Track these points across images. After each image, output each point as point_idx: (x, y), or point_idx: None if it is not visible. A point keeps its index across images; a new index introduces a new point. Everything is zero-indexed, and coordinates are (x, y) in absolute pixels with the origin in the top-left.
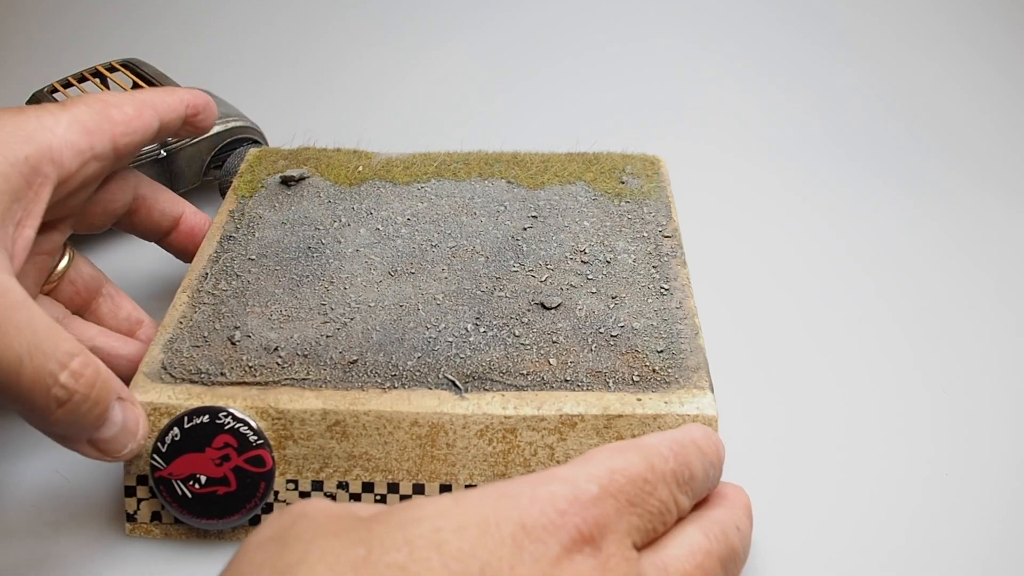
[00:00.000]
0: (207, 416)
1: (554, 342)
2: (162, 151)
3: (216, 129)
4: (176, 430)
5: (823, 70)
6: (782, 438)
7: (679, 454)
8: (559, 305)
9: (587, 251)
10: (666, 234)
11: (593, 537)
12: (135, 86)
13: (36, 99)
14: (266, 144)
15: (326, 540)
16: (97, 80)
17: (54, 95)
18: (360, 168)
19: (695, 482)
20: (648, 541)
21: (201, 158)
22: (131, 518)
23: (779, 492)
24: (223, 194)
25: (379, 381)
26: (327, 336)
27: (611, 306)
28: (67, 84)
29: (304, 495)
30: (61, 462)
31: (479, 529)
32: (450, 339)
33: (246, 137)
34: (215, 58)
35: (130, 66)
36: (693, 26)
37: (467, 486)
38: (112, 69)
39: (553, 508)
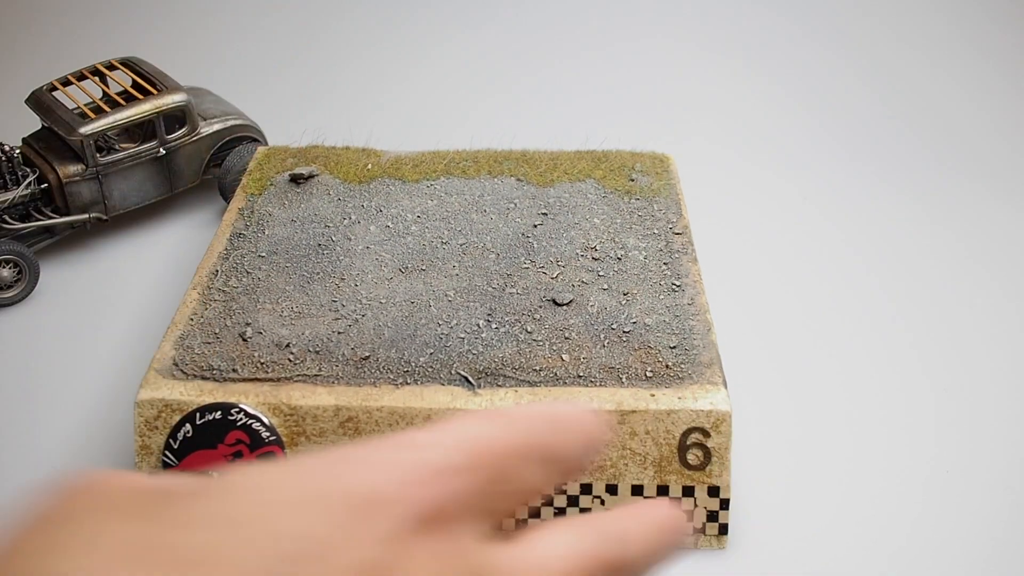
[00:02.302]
0: (219, 412)
1: (566, 338)
2: (161, 149)
3: (215, 127)
4: (188, 426)
5: (829, 72)
6: (791, 432)
7: (539, 430)
8: (571, 301)
9: (598, 248)
10: (676, 231)
11: (434, 516)
12: (134, 84)
13: (35, 97)
14: (265, 142)
15: (109, 522)
16: (97, 78)
17: (53, 93)
18: (369, 166)
19: (558, 461)
20: (500, 520)
21: (200, 156)
22: None
23: (790, 484)
24: (222, 192)
25: (391, 377)
26: (339, 332)
27: (623, 302)
28: (67, 83)
29: None
30: (62, 459)
31: (303, 502)
32: (462, 335)
33: (245, 136)
34: (214, 57)
35: (130, 64)
36: (702, 27)
37: None
38: (112, 67)
39: (391, 479)
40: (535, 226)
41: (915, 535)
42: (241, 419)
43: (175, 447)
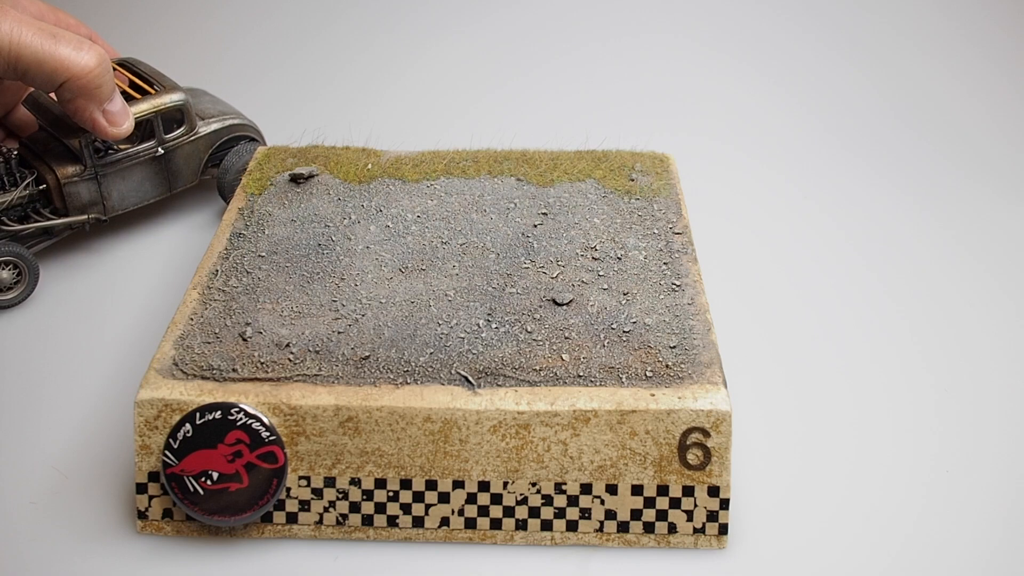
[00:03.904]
0: (219, 412)
1: (566, 338)
2: (160, 149)
3: (213, 127)
4: (188, 426)
5: (830, 70)
6: (792, 431)
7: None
8: (571, 301)
9: (598, 248)
10: (676, 231)
11: None
12: (132, 84)
13: (33, 98)
14: (263, 142)
15: None
16: None
17: (51, 94)
18: (369, 166)
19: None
20: None
21: (199, 156)
22: (142, 515)
23: (791, 484)
24: (221, 192)
25: (391, 377)
26: (339, 332)
27: (623, 302)
28: None
29: (316, 492)
30: (62, 459)
31: None
32: (462, 335)
33: (244, 135)
34: (213, 57)
35: (127, 65)
36: (702, 24)
37: (480, 483)
38: None
39: None
40: (535, 226)
41: (915, 535)
42: (241, 419)
43: (175, 447)
